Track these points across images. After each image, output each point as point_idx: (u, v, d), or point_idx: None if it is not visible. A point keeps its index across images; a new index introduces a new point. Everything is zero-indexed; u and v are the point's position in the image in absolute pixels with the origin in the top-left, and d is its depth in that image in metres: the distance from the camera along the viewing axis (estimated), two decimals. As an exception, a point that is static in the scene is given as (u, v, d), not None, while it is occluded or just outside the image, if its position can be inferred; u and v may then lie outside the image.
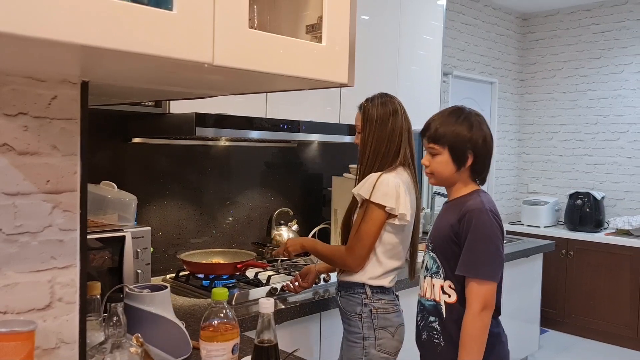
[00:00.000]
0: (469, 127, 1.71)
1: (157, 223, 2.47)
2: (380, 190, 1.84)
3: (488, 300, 1.63)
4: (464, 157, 1.71)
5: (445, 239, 1.71)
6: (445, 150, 1.72)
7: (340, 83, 0.95)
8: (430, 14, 3.32)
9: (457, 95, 4.71)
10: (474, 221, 1.64)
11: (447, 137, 1.70)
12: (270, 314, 1.16)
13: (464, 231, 1.65)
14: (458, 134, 1.70)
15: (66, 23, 0.62)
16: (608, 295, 4.50)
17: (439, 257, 1.74)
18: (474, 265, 1.63)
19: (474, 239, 1.63)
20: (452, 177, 1.75)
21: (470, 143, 1.70)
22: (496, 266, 1.65)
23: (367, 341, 1.90)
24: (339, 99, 2.75)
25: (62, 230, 1.00)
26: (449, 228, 1.70)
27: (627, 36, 4.83)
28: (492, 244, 1.64)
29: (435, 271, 1.76)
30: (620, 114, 4.89)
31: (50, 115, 0.98)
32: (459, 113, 1.74)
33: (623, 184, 4.89)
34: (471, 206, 1.67)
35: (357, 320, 1.92)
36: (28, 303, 0.97)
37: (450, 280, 1.71)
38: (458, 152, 1.71)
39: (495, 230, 1.65)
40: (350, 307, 1.95)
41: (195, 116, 1.98)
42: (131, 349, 1.10)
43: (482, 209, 1.65)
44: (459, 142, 1.70)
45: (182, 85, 1.10)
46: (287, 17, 1.00)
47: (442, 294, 1.73)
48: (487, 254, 1.64)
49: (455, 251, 1.68)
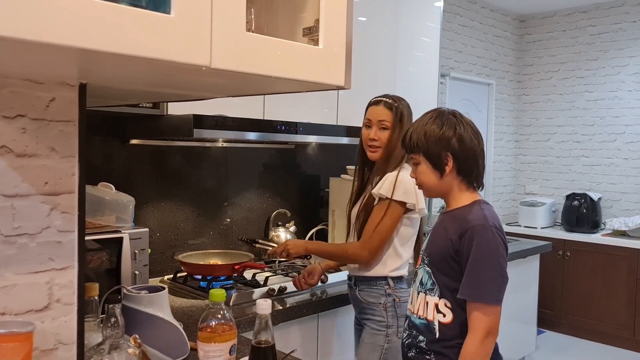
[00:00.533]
0: (439, 128, 1.58)
1: (154, 224, 2.47)
2: (400, 190, 1.95)
3: (493, 326, 1.50)
4: (441, 161, 1.58)
5: (443, 254, 1.59)
6: (421, 157, 1.61)
7: (337, 85, 0.95)
8: (427, 15, 3.33)
9: (454, 96, 4.72)
10: (477, 239, 1.51)
11: (420, 143, 1.59)
12: (268, 315, 1.17)
13: (465, 249, 1.52)
14: (428, 138, 1.58)
15: (64, 26, 0.62)
16: (605, 296, 4.51)
17: (435, 273, 1.61)
18: (477, 288, 1.50)
19: (477, 260, 1.50)
20: (440, 186, 1.62)
21: (443, 144, 1.57)
22: (501, 288, 1.52)
23: (390, 329, 2.02)
24: (336, 101, 2.76)
25: (60, 232, 1.00)
26: (447, 243, 1.57)
27: (624, 38, 4.85)
28: (497, 265, 1.51)
29: (430, 287, 1.62)
30: (617, 115, 4.91)
31: (48, 117, 0.98)
32: (431, 115, 1.63)
33: (620, 185, 4.91)
34: (473, 221, 1.54)
35: (382, 310, 2.04)
36: (26, 304, 0.97)
37: (445, 299, 1.58)
38: (433, 157, 1.58)
39: (500, 249, 1.53)
40: (373, 298, 2.06)
41: (193, 118, 1.98)
42: (129, 350, 1.11)
43: (486, 225, 1.52)
44: (431, 145, 1.58)
45: (180, 88, 1.11)
46: (284, 20, 1.01)
47: (437, 313, 1.60)
48: (491, 276, 1.51)
49: (454, 268, 1.56)
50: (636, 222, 4.42)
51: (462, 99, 4.84)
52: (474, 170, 1.61)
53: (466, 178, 1.61)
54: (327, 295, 2.26)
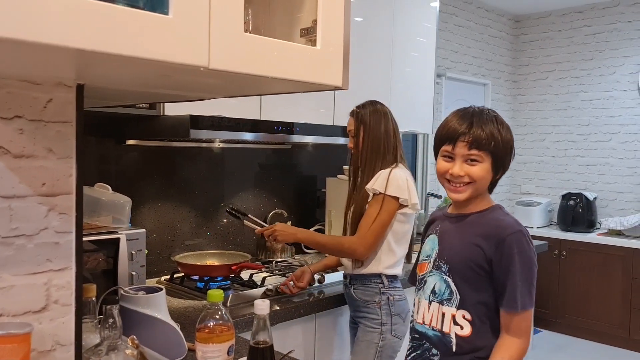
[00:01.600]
0: (510, 134, 1.55)
1: (151, 225, 2.47)
2: (393, 185, 2.01)
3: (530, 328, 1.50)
4: (504, 164, 1.54)
5: (468, 262, 1.49)
6: (488, 156, 1.51)
7: (334, 86, 0.95)
8: (423, 15, 3.34)
9: (450, 96, 4.73)
10: (517, 248, 1.44)
11: (489, 141, 1.49)
12: (266, 315, 1.17)
13: (504, 259, 1.44)
14: (503, 140, 1.52)
15: (62, 27, 0.62)
16: (600, 295, 4.53)
17: (458, 282, 1.50)
18: (524, 298, 1.44)
19: (520, 270, 1.44)
20: (483, 187, 1.55)
21: (509, 150, 1.55)
22: (534, 292, 1.48)
23: (384, 327, 2.08)
24: (333, 101, 2.76)
25: (57, 233, 1.00)
26: (476, 251, 1.48)
27: (619, 38, 4.87)
28: (533, 272, 1.47)
29: (447, 297, 1.51)
30: (612, 115, 4.93)
31: (45, 118, 0.98)
32: (495, 117, 1.55)
33: (615, 185, 4.93)
34: (509, 229, 1.47)
35: (376, 308, 2.09)
36: (24, 305, 0.97)
37: (465, 310, 1.49)
38: (499, 159, 1.52)
39: (533, 255, 1.48)
40: (368, 297, 2.11)
41: (189, 118, 1.98)
42: (127, 351, 1.11)
43: (522, 232, 1.47)
44: (501, 148, 1.52)
45: (177, 88, 1.11)
46: (281, 21, 1.01)
47: (454, 325, 1.50)
48: (530, 284, 1.46)
49: (482, 277, 1.47)
50: (631, 222, 4.44)
51: (458, 99, 4.84)
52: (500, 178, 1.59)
53: (495, 184, 1.60)
54: (324, 295, 2.26)
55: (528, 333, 1.48)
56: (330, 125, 2.69)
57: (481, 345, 1.49)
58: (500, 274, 1.45)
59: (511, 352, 1.44)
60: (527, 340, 1.47)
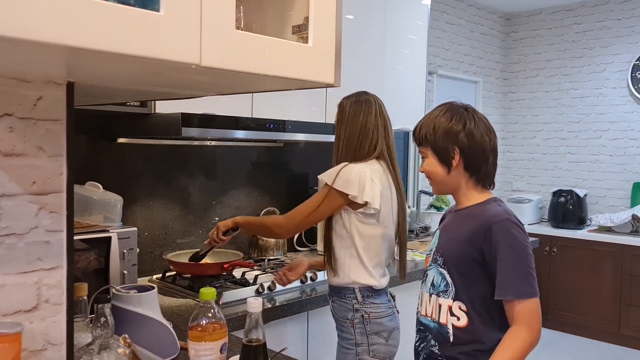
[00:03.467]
0: (448, 122, 1.54)
1: (143, 223, 2.46)
2: (342, 178, 1.84)
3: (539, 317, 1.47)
4: (448, 155, 1.54)
5: (461, 255, 1.52)
6: (429, 150, 1.58)
7: (326, 83, 0.95)
8: (414, 13, 3.35)
9: (442, 94, 4.74)
10: (504, 236, 1.45)
11: (428, 136, 1.56)
12: (258, 313, 1.17)
13: (493, 246, 1.46)
14: (436, 131, 1.55)
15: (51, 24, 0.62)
16: (590, 291, 4.56)
17: (453, 274, 1.53)
18: (517, 286, 1.45)
19: (509, 257, 1.45)
20: (448, 181, 1.58)
21: (451, 138, 1.53)
22: (534, 281, 1.48)
23: (359, 347, 1.88)
24: (325, 99, 2.76)
25: (48, 232, 0.99)
26: (466, 241, 1.51)
27: (608, 35, 4.90)
28: (528, 258, 1.47)
29: (443, 289, 1.55)
30: (602, 112, 4.97)
31: (35, 116, 0.97)
32: (442, 108, 1.59)
33: (605, 182, 4.96)
34: (496, 218, 1.48)
35: (349, 327, 1.90)
36: (14, 305, 0.96)
37: (461, 302, 1.51)
38: (440, 150, 1.55)
39: (525, 242, 1.48)
40: (341, 313, 1.94)
41: (181, 116, 1.97)
42: (119, 349, 1.10)
43: (510, 220, 1.47)
44: (439, 139, 1.54)
45: (169, 86, 1.10)
46: (273, 18, 1.00)
47: (450, 316, 1.52)
48: (526, 271, 1.46)
49: (475, 269, 1.49)
50: (621, 218, 4.47)
51: (449, 97, 4.85)
52: (483, 167, 1.56)
53: (474, 175, 1.57)
54: (316, 293, 2.26)
55: (533, 322, 1.45)
56: (322, 122, 2.69)
57: (477, 336, 1.50)
58: (492, 263, 1.47)
59: (516, 342, 1.44)
60: (532, 330, 1.44)
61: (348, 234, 1.91)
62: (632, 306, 4.36)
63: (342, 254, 1.92)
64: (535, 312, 1.46)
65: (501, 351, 1.44)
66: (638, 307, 4.33)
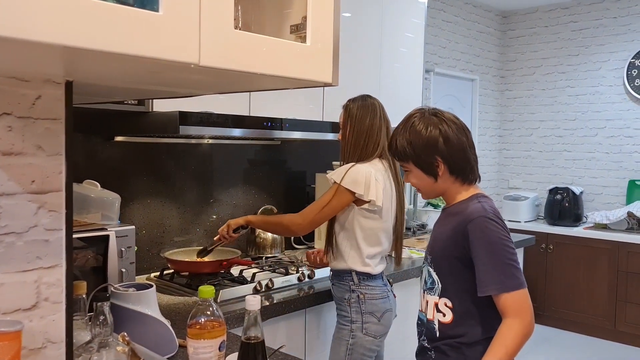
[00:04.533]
0: (424, 133, 1.55)
1: (140, 221, 2.46)
2: (350, 177, 2.00)
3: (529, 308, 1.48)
4: (432, 167, 1.56)
5: (444, 251, 1.56)
6: (411, 165, 1.60)
7: (324, 82, 0.96)
8: (411, 11, 3.35)
9: (438, 92, 4.75)
10: (479, 232, 1.48)
11: (408, 152, 1.57)
12: (257, 311, 1.17)
13: (469, 244, 1.49)
14: (415, 145, 1.56)
15: (50, 24, 0.62)
16: (586, 288, 4.58)
17: (437, 271, 1.58)
18: (496, 280, 1.46)
19: (485, 253, 1.47)
20: (436, 188, 1.61)
21: (431, 150, 1.55)
22: (517, 272, 1.48)
23: (354, 324, 2.06)
24: (322, 97, 2.76)
25: (47, 230, 1.00)
26: (450, 240, 1.55)
27: (604, 34, 4.91)
28: (506, 251, 1.48)
29: (430, 286, 1.60)
30: (598, 110, 4.98)
31: (34, 115, 0.98)
32: (412, 120, 1.59)
33: (601, 179, 4.98)
34: (472, 215, 1.51)
35: (346, 306, 2.09)
36: (14, 303, 0.96)
37: (446, 298, 1.55)
38: (424, 164, 1.57)
39: (502, 237, 1.49)
40: (340, 294, 2.12)
41: (178, 114, 1.97)
42: (118, 347, 1.11)
43: (485, 217, 1.49)
44: (420, 153, 1.56)
45: (168, 85, 1.11)
46: (271, 17, 1.01)
47: (436, 312, 1.58)
48: (505, 264, 1.47)
49: (457, 266, 1.53)
50: (617, 215, 4.49)
51: (446, 95, 4.87)
52: (466, 166, 1.58)
53: (460, 175, 1.59)
54: (314, 291, 2.27)
55: (523, 313, 1.46)
56: (320, 121, 2.70)
57: (462, 331, 1.54)
58: (472, 258, 1.50)
59: (508, 336, 1.45)
60: (523, 321, 1.46)
61: (350, 226, 2.08)
62: (628, 303, 4.38)
63: (344, 244, 2.09)
64: (524, 303, 1.47)
65: (495, 348, 1.45)
66: (633, 304, 4.36)
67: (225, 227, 2.21)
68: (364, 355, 2.07)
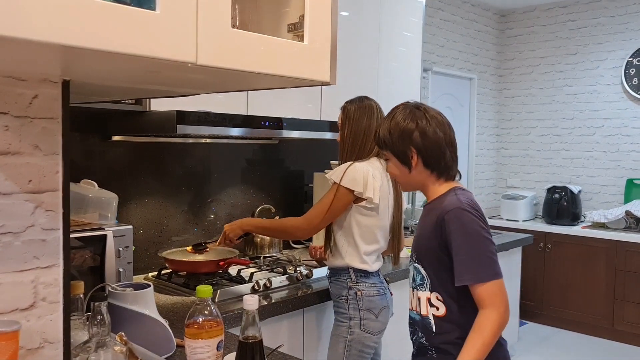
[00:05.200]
0: (402, 124, 1.60)
1: (138, 221, 2.46)
2: (349, 176, 2.02)
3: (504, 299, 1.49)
4: (407, 157, 1.61)
5: (428, 246, 1.60)
6: (389, 154, 1.65)
7: (322, 81, 0.96)
8: (409, 10, 3.35)
9: (436, 91, 4.75)
10: (454, 224, 1.51)
11: (386, 140, 1.63)
12: (255, 311, 1.17)
13: (447, 236, 1.52)
14: (392, 134, 1.61)
15: (47, 23, 0.62)
16: (584, 287, 4.59)
17: (424, 266, 1.61)
18: (471, 271, 1.49)
19: (461, 244, 1.50)
20: (411, 179, 1.65)
21: (406, 140, 1.59)
22: (492, 264, 1.51)
23: (352, 321, 2.08)
24: (320, 96, 2.76)
25: (44, 230, 0.99)
26: (430, 235, 1.58)
27: (602, 32, 4.92)
28: (482, 242, 1.51)
29: (420, 283, 1.63)
30: (596, 109, 4.99)
31: (31, 114, 0.97)
32: (395, 111, 1.65)
33: (599, 178, 4.99)
34: (447, 207, 1.54)
35: (344, 302, 2.11)
36: (11, 303, 0.96)
37: (437, 292, 1.58)
38: (399, 153, 1.62)
39: (478, 227, 1.51)
40: (337, 291, 2.14)
41: (176, 114, 1.97)
42: (115, 347, 1.11)
43: (459, 208, 1.52)
44: (396, 142, 1.61)
45: (164, 84, 1.10)
46: (268, 16, 1.01)
47: (430, 307, 1.60)
48: (480, 255, 1.50)
49: (442, 259, 1.55)
50: (615, 214, 4.50)
51: (444, 94, 4.87)
52: (441, 162, 1.61)
53: (435, 171, 1.62)
54: (312, 291, 2.27)
55: (497, 303, 1.48)
56: (317, 120, 2.69)
57: (459, 323, 1.56)
58: (449, 250, 1.53)
59: (484, 327, 1.47)
60: (498, 310, 1.48)
61: (347, 223, 2.10)
62: (626, 302, 4.39)
63: (341, 241, 2.12)
64: (498, 293, 1.49)
65: (472, 340, 1.48)
66: (631, 303, 4.36)
67: (223, 238, 2.18)
68: (362, 352, 2.09)
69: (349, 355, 2.07)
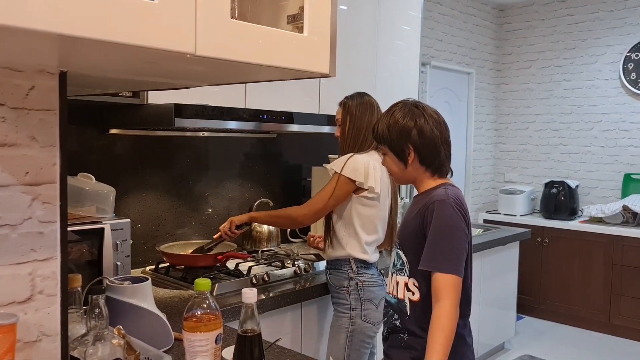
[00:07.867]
0: (401, 121, 1.65)
1: (135, 215, 2.45)
2: (350, 166, 2.07)
3: (455, 296, 1.53)
4: (404, 153, 1.65)
5: (410, 233, 1.66)
6: (387, 149, 1.70)
7: (321, 73, 0.95)
8: (408, 4, 3.33)
9: (435, 85, 4.74)
10: (436, 213, 1.57)
11: (384, 136, 1.68)
12: (253, 304, 1.17)
13: (427, 223, 1.59)
14: (391, 131, 1.66)
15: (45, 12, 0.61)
16: (582, 282, 4.60)
17: (405, 252, 1.68)
18: (435, 259, 1.55)
19: (436, 233, 1.56)
20: (406, 174, 1.70)
21: (404, 137, 1.64)
22: (459, 259, 1.56)
23: (354, 312, 2.12)
24: (318, 90, 2.75)
25: (42, 222, 0.99)
26: (413, 222, 1.64)
27: (601, 27, 4.91)
28: (455, 236, 1.56)
29: (399, 268, 1.70)
30: (594, 104, 4.98)
31: (28, 106, 0.96)
32: (394, 108, 1.69)
33: (596, 173, 4.99)
34: (433, 199, 1.60)
35: (345, 293, 2.14)
36: (9, 296, 0.96)
37: (414, 278, 1.64)
38: (397, 149, 1.67)
39: (457, 222, 1.57)
40: (338, 282, 2.17)
41: (173, 107, 1.96)
42: (113, 340, 1.10)
43: (445, 201, 1.58)
44: (394, 138, 1.66)
45: (163, 76, 1.10)
46: (267, 8, 1.00)
47: (407, 292, 1.66)
48: (449, 248, 1.55)
49: (422, 246, 1.60)
50: (612, 209, 4.51)
51: (442, 88, 4.86)
52: (436, 159, 1.67)
53: (429, 167, 1.68)
54: (310, 284, 2.27)
55: (452, 294, 1.52)
56: (316, 113, 2.69)
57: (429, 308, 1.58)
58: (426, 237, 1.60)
59: (442, 319, 1.51)
60: (452, 301, 1.52)
61: (348, 214, 2.14)
62: (623, 296, 4.40)
63: (342, 232, 2.15)
64: (453, 287, 1.53)
65: (434, 337, 1.51)
66: (628, 297, 4.38)
67: (227, 224, 2.23)
68: (363, 342, 2.12)
69: (350, 346, 2.10)
